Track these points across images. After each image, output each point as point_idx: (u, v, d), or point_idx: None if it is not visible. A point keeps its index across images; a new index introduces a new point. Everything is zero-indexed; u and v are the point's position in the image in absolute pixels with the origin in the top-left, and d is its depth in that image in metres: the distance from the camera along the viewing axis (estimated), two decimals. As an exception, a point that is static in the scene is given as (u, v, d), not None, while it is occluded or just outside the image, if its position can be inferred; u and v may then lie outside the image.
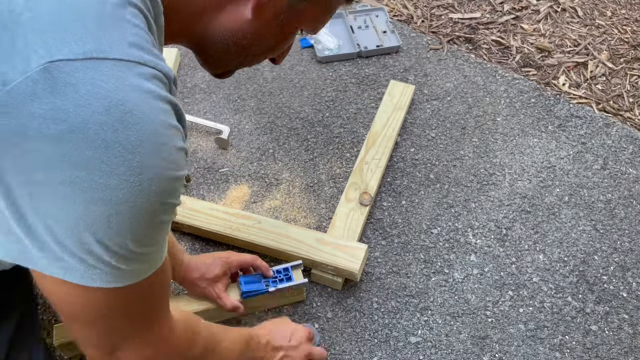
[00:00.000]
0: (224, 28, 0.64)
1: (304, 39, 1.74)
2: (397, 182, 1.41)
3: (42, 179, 0.47)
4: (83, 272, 0.52)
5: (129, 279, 0.55)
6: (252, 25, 0.64)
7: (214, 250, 1.24)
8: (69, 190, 0.47)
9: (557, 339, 1.17)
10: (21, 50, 0.46)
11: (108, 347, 0.61)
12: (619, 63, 1.76)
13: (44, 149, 0.46)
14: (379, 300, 1.20)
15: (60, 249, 0.50)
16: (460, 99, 1.61)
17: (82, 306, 0.56)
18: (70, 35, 0.47)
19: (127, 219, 0.50)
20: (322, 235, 1.21)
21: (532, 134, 1.53)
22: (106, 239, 0.50)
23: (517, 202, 1.38)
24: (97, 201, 0.48)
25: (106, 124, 0.46)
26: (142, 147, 0.48)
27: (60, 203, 0.48)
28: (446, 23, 1.86)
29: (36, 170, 0.47)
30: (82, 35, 0.47)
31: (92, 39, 0.47)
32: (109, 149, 0.47)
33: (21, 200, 0.48)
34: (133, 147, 0.48)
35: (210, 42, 0.65)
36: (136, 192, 0.49)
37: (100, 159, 0.47)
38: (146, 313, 0.62)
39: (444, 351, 1.14)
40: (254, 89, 1.61)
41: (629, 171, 1.46)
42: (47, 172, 0.47)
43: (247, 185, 1.39)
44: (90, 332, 0.59)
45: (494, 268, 1.26)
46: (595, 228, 1.34)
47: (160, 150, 0.50)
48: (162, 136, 0.50)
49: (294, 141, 1.49)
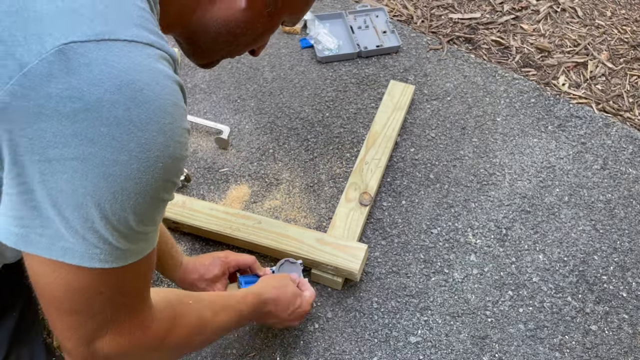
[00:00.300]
0: (218, 17, 0.66)
1: (304, 39, 1.74)
2: (397, 182, 1.41)
3: (54, 156, 0.49)
4: (83, 253, 0.53)
5: (125, 259, 0.56)
6: (245, 14, 0.66)
7: (214, 250, 1.24)
8: (81, 166, 0.49)
9: (557, 338, 1.17)
10: (35, 34, 0.48)
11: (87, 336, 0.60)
12: (619, 63, 1.77)
13: (58, 127, 0.48)
14: (379, 300, 1.20)
15: (65, 226, 0.52)
16: (460, 99, 1.61)
17: (72, 290, 0.56)
18: (82, 18, 0.49)
19: (132, 194, 0.52)
20: (322, 235, 1.21)
21: (532, 134, 1.53)
22: (110, 214, 0.52)
23: (517, 202, 1.38)
24: (106, 177, 0.50)
25: (118, 102, 0.48)
26: (151, 125, 0.50)
27: (71, 178, 0.50)
28: (446, 23, 1.86)
29: (49, 147, 0.49)
30: (94, 17, 0.49)
31: (102, 21, 0.49)
32: (120, 126, 0.49)
33: (32, 178, 0.50)
34: (143, 124, 0.50)
35: (203, 31, 0.67)
36: (143, 169, 0.51)
37: (112, 135, 0.49)
38: (132, 296, 0.62)
39: (443, 351, 1.14)
40: (254, 89, 1.61)
41: (629, 171, 1.46)
42: (61, 148, 0.49)
43: (247, 185, 1.39)
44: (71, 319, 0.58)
45: (494, 268, 1.27)
46: (595, 228, 1.34)
47: (169, 129, 0.52)
48: (170, 115, 0.52)
49: (294, 141, 1.49)
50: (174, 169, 0.55)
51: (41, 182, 0.50)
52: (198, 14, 0.65)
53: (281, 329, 1.14)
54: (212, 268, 1.07)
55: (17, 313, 0.83)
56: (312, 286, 1.21)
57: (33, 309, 0.91)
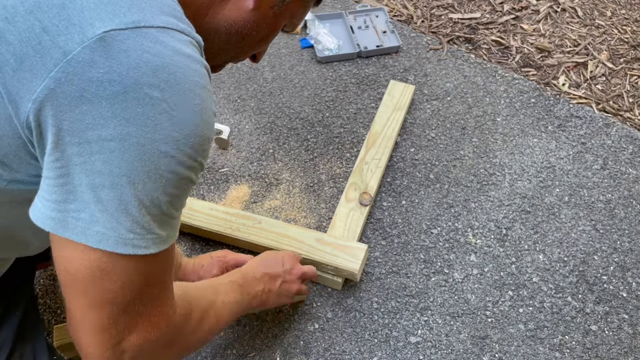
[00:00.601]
0: (228, 18, 0.69)
1: (304, 39, 1.74)
2: (397, 182, 1.41)
3: (93, 138, 0.52)
4: (117, 238, 0.55)
5: (155, 246, 0.58)
6: (253, 15, 0.69)
7: (214, 250, 1.24)
8: (118, 146, 0.52)
9: (557, 339, 1.17)
10: (77, 24, 0.52)
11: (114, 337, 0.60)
12: (619, 63, 1.77)
13: (98, 110, 0.52)
14: (379, 300, 1.20)
15: (100, 208, 0.54)
16: (460, 99, 1.61)
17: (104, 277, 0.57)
18: (119, 8, 0.53)
19: (165, 173, 0.55)
20: (322, 235, 1.21)
21: (532, 134, 1.53)
22: (144, 194, 0.55)
23: (517, 202, 1.38)
24: (141, 156, 0.53)
25: (154, 84, 0.53)
26: (183, 105, 0.55)
27: (107, 159, 0.53)
28: (446, 23, 1.86)
29: (88, 129, 0.52)
30: (130, 7, 0.53)
31: (137, 11, 0.54)
32: (155, 106, 0.53)
33: (71, 162, 0.53)
34: (176, 105, 0.54)
35: (215, 32, 0.69)
36: (175, 147, 0.55)
37: (147, 115, 0.53)
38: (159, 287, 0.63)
39: (443, 351, 1.14)
40: (254, 89, 1.61)
41: (629, 171, 1.46)
42: (99, 130, 0.52)
43: (247, 185, 1.39)
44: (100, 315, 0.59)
45: (494, 268, 1.26)
46: (595, 228, 1.34)
47: (198, 109, 0.56)
48: (199, 97, 0.56)
49: (294, 141, 1.49)
50: (201, 149, 0.58)
51: (79, 164, 0.53)
52: (210, 14, 0.68)
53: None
54: (210, 268, 1.08)
55: (21, 312, 0.84)
56: (312, 286, 1.21)
57: (35, 309, 0.92)
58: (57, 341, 1.01)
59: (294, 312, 1.18)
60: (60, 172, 0.54)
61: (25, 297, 0.88)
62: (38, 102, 0.52)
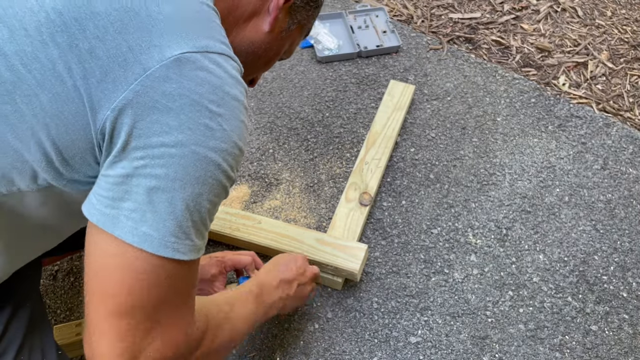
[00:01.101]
0: (248, 38, 0.78)
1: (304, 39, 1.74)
2: (397, 182, 1.41)
3: (157, 143, 0.59)
4: (160, 240, 0.60)
5: (191, 254, 0.63)
6: (267, 37, 0.79)
7: (214, 250, 1.24)
8: (178, 152, 0.59)
9: (557, 339, 1.17)
10: (158, 45, 0.60)
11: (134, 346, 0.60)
12: (619, 63, 1.76)
13: (166, 119, 0.59)
14: (379, 300, 1.20)
15: (151, 209, 0.59)
16: (460, 99, 1.61)
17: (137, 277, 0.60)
18: (192, 34, 0.62)
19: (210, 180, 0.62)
20: (322, 235, 1.21)
21: (532, 134, 1.53)
22: (191, 199, 0.61)
23: (517, 202, 1.38)
24: (195, 162, 0.60)
25: (214, 100, 0.61)
26: (233, 119, 0.63)
27: (166, 163, 0.59)
28: (446, 23, 1.86)
29: (154, 135, 0.59)
30: (198, 34, 0.62)
31: (204, 38, 0.63)
32: (213, 119, 0.61)
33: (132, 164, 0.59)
34: (228, 120, 0.62)
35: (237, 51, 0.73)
36: (222, 157, 0.62)
37: (206, 125, 0.60)
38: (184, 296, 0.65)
39: (444, 351, 1.14)
40: (254, 89, 1.61)
41: (629, 171, 1.46)
42: (164, 136, 0.59)
43: (247, 185, 1.39)
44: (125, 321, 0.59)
45: (494, 268, 1.26)
46: (595, 228, 1.34)
47: (242, 125, 0.65)
48: (243, 114, 0.65)
49: (294, 141, 1.49)
50: (236, 161, 0.65)
51: (140, 167, 0.59)
52: (234, 34, 0.76)
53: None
54: (208, 268, 1.08)
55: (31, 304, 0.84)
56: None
57: (42, 304, 0.93)
58: (57, 341, 1.01)
59: (294, 312, 1.18)
60: (120, 172, 0.59)
61: (35, 291, 0.89)
62: (117, 111, 0.58)
